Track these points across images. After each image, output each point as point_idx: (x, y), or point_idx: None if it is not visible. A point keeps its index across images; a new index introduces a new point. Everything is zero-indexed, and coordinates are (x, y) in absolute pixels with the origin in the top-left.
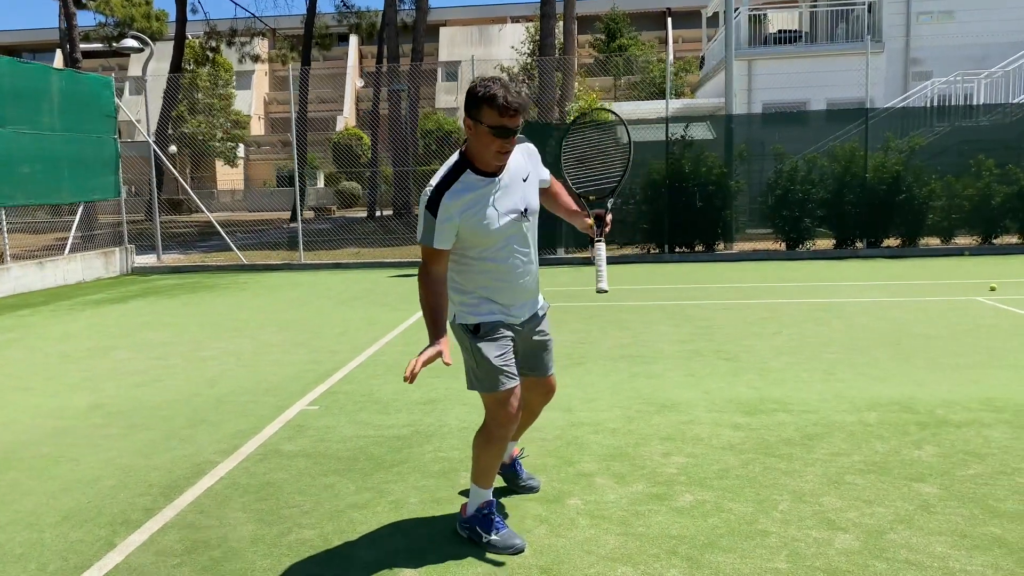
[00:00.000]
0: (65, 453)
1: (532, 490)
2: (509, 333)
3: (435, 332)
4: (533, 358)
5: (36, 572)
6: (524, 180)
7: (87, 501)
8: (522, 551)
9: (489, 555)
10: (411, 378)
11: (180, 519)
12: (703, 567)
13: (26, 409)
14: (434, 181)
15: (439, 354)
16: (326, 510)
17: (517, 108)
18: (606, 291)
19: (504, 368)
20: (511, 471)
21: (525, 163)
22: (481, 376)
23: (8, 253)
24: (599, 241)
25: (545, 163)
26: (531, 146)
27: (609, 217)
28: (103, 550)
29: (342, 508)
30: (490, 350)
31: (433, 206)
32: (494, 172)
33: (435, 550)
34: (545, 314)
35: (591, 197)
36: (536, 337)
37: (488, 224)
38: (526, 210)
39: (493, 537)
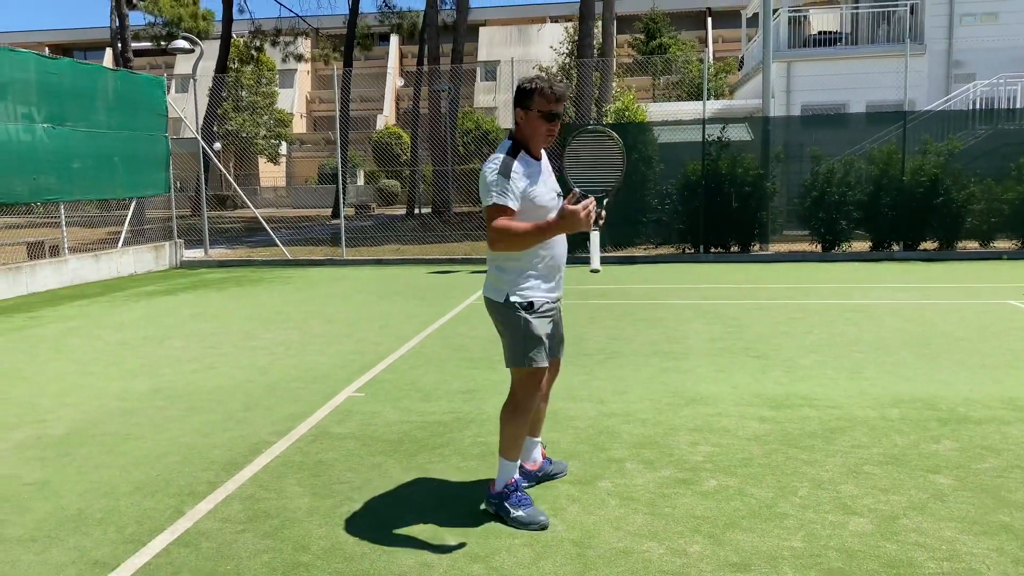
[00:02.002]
0: (131, 432)
1: (561, 474)
2: (553, 314)
3: (548, 222)
4: (555, 339)
5: (116, 534)
6: (551, 172)
7: (155, 474)
8: (546, 527)
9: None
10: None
11: (241, 492)
12: (724, 544)
13: (92, 392)
14: (499, 155)
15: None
16: (375, 486)
17: (560, 95)
18: (598, 271)
19: (547, 345)
20: (540, 473)
21: (548, 162)
22: (527, 351)
23: (66, 246)
24: (595, 231)
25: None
26: None
27: (603, 214)
28: (174, 517)
29: (389, 485)
30: (541, 327)
31: (507, 171)
32: (536, 156)
33: (476, 523)
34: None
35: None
36: (558, 319)
37: (538, 198)
38: (558, 194)
39: (519, 513)
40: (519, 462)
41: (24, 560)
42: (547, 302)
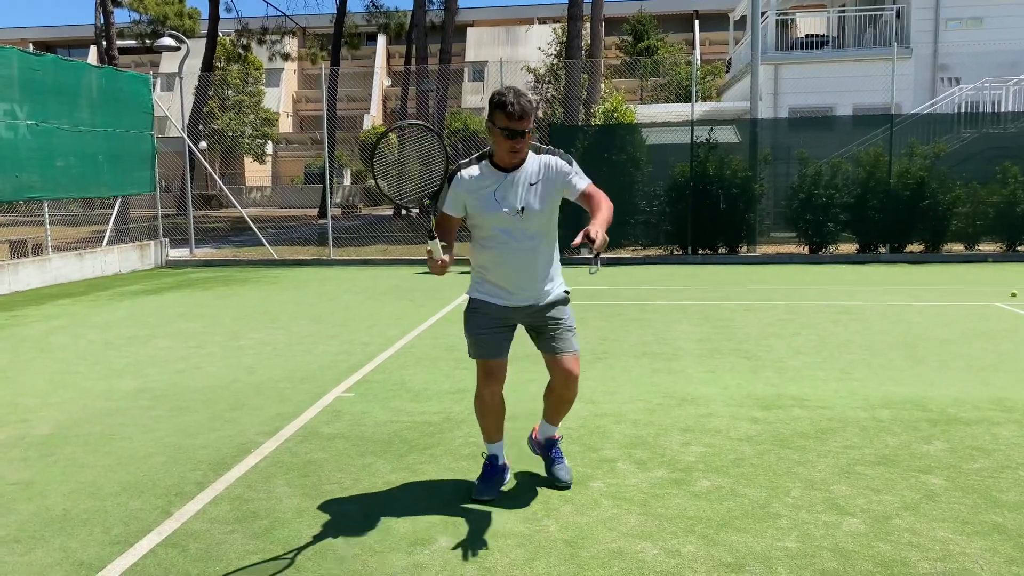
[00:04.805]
0: (117, 432)
1: (560, 484)
2: (500, 313)
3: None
4: (547, 339)
5: (102, 535)
6: (531, 184)
7: (142, 475)
8: (484, 501)
9: (519, 528)
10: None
11: (229, 492)
12: (718, 544)
13: (77, 391)
14: (463, 160)
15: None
16: (365, 486)
17: (520, 114)
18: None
19: (481, 340)
20: (544, 452)
21: (538, 171)
22: (467, 342)
23: (50, 245)
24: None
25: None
26: (562, 160)
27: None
28: (161, 518)
29: (379, 485)
30: (474, 323)
31: (451, 178)
32: (506, 168)
33: (468, 523)
34: (556, 301)
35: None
36: (549, 321)
37: (483, 209)
38: (523, 209)
39: (477, 483)
40: (498, 443)
41: (8, 561)
42: (485, 303)
